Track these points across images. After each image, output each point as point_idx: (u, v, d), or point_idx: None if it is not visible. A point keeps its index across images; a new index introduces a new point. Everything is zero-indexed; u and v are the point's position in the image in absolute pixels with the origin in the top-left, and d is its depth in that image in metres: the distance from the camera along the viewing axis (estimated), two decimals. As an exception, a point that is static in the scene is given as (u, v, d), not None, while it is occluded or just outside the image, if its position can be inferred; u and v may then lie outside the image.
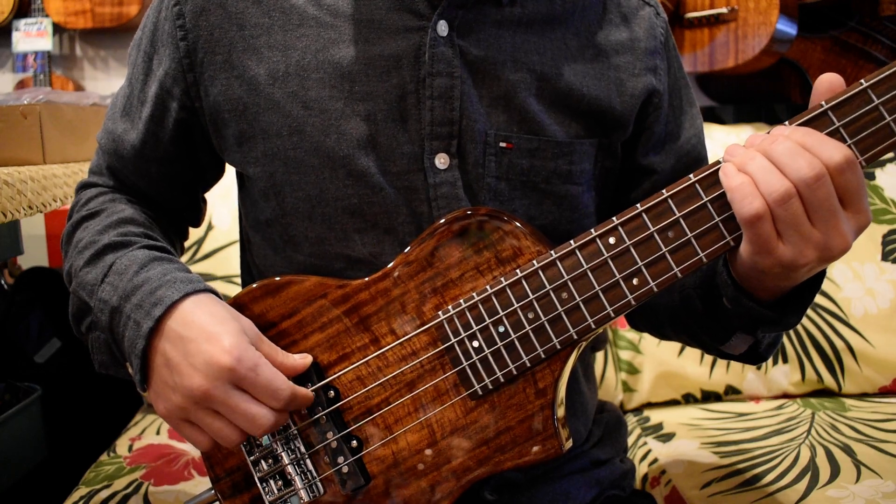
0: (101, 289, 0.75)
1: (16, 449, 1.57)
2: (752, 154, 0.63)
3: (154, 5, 0.83)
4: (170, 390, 0.70)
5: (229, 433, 0.70)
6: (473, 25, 0.78)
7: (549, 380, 0.70)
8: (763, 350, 0.79)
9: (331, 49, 0.77)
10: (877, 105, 0.61)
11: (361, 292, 0.75)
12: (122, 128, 0.86)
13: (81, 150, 1.51)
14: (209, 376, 0.67)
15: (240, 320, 0.72)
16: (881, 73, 0.61)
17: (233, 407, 0.68)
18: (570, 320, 0.69)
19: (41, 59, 2.60)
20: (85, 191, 0.89)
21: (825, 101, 0.62)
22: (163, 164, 0.86)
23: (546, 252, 0.70)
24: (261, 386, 0.68)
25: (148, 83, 0.83)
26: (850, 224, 0.61)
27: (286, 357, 0.73)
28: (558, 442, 0.70)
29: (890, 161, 1.51)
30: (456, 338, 0.72)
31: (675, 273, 0.66)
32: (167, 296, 0.71)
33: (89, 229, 0.81)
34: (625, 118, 0.83)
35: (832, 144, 0.60)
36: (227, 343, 0.68)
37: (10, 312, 1.85)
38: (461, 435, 0.72)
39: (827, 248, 0.61)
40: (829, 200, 0.60)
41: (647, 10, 0.87)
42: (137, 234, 0.80)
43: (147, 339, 0.70)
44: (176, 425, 0.72)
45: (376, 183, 0.77)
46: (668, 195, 0.66)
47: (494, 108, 0.78)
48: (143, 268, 0.74)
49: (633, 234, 0.67)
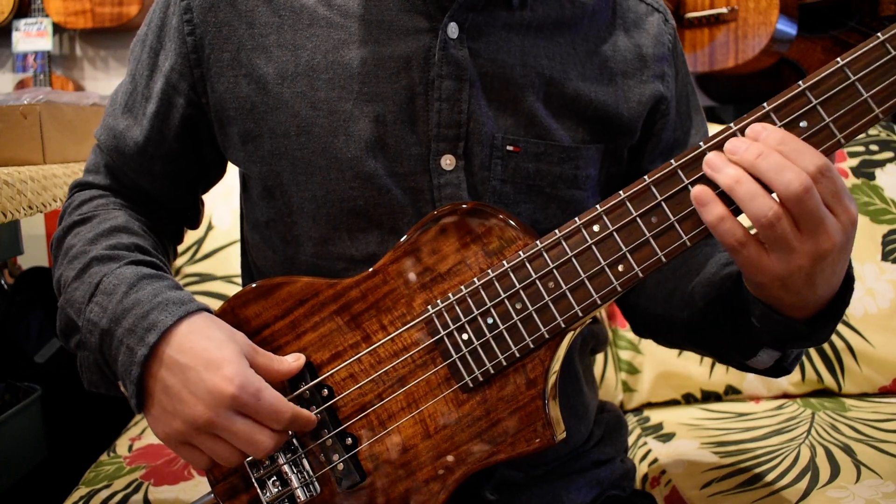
0: (88, 308, 0.73)
1: (16, 449, 1.57)
2: (736, 174, 0.61)
3: (161, 1, 0.83)
4: (170, 416, 0.69)
5: (230, 455, 0.69)
6: (483, 28, 0.78)
7: (539, 370, 0.71)
8: (789, 364, 0.77)
9: (341, 50, 0.77)
10: (853, 82, 0.61)
11: (351, 290, 0.75)
12: (125, 124, 0.85)
13: (81, 150, 1.51)
14: (211, 405, 0.66)
15: (236, 339, 0.71)
16: (857, 50, 0.61)
17: (235, 432, 0.67)
18: (556, 309, 0.69)
19: (41, 59, 2.60)
20: (79, 192, 0.87)
21: (802, 81, 0.62)
22: (167, 161, 0.85)
23: (532, 243, 0.70)
24: (263, 411, 0.68)
25: (153, 79, 0.82)
26: (836, 225, 0.61)
27: (281, 364, 0.73)
28: (550, 432, 0.70)
29: (890, 161, 1.51)
30: (445, 331, 0.72)
31: (660, 258, 0.66)
32: (160, 320, 0.69)
33: (80, 236, 0.79)
34: (632, 124, 0.84)
35: (809, 152, 0.60)
36: (228, 371, 0.67)
37: (10, 312, 1.85)
38: (454, 428, 0.72)
39: (816, 252, 0.61)
40: (818, 209, 0.59)
41: (656, 16, 0.87)
42: (127, 247, 0.78)
43: (142, 366, 0.68)
44: (175, 448, 0.71)
45: (383, 184, 0.77)
46: (649, 181, 0.66)
47: (502, 112, 0.78)
48: (133, 288, 0.72)
49: (616, 221, 0.67)
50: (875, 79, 0.61)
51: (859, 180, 1.49)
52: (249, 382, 0.67)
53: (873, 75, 0.61)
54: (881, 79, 0.61)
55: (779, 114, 0.63)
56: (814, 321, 0.68)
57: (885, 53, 0.61)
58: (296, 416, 0.70)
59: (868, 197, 1.47)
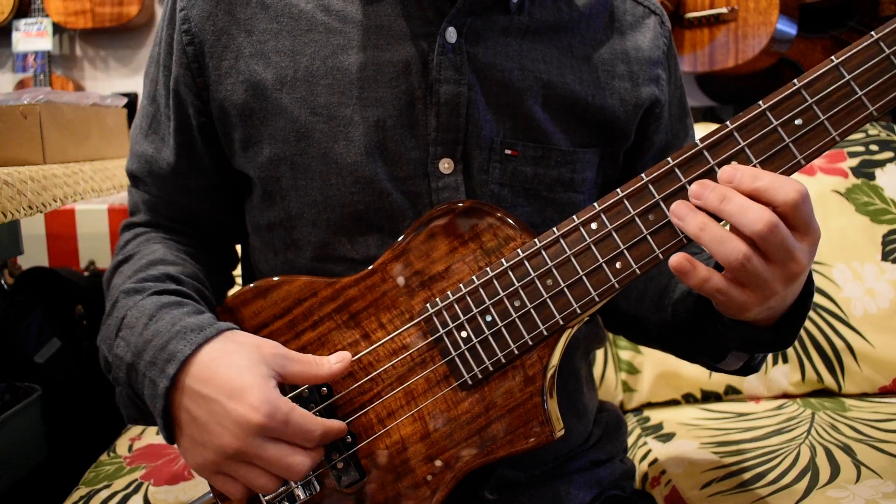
0: (116, 343, 0.73)
1: (16, 449, 1.57)
2: (701, 222, 0.63)
3: (163, 15, 0.83)
4: (200, 447, 0.68)
5: (266, 482, 0.67)
6: (482, 32, 0.78)
7: (537, 367, 0.71)
8: (756, 364, 0.80)
9: (339, 55, 0.77)
10: (848, 80, 0.62)
11: (350, 289, 0.75)
12: (153, 147, 0.84)
13: (81, 150, 1.51)
14: (239, 435, 0.65)
15: (262, 355, 0.68)
16: (851, 48, 0.62)
17: (269, 459, 0.66)
18: (555, 306, 0.69)
19: (41, 59, 2.60)
20: (125, 232, 0.88)
21: (797, 80, 0.63)
22: (200, 174, 0.84)
23: (531, 241, 0.70)
24: (293, 434, 0.66)
25: (169, 95, 0.82)
26: (804, 249, 0.63)
27: (320, 368, 0.70)
28: (549, 429, 0.70)
29: (890, 161, 1.51)
30: (444, 329, 0.72)
31: (658, 255, 0.67)
32: (179, 350, 0.67)
33: (122, 274, 0.79)
34: (627, 127, 0.84)
35: (783, 183, 0.61)
36: (253, 399, 0.64)
37: (10, 312, 1.85)
38: (453, 425, 0.72)
39: (787, 276, 0.63)
40: (785, 242, 0.61)
41: (653, 18, 0.88)
42: (157, 277, 0.77)
43: (165, 398, 0.67)
44: (209, 478, 0.70)
45: (383, 189, 0.77)
46: (647, 179, 0.67)
47: (501, 116, 0.79)
48: (152, 319, 0.71)
49: (614, 219, 0.68)
50: (870, 77, 0.62)
51: (859, 180, 1.49)
52: (276, 408, 0.65)
53: (868, 74, 0.62)
54: (875, 77, 0.61)
55: (774, 112, 0.63)
56: (778, 328, 0.71)
57: (879, 52, 0.61)
58: (327, 432, 0.68)
59: (868, 197, 1.47)
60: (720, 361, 0.79)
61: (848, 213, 1.46)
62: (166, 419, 0.69)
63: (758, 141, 0.64)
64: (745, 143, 0.64)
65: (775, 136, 0.64)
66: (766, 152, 0.64)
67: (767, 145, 0.64)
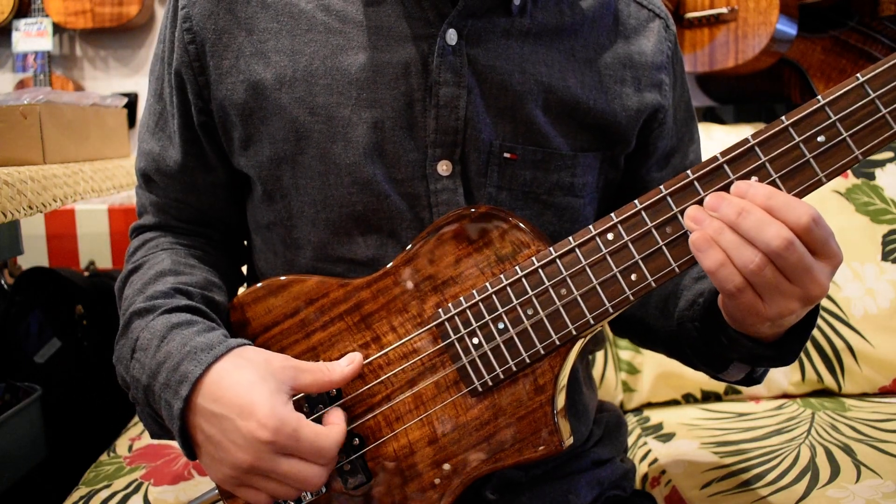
0: (132, 366, 0.74)
1: (16, 449, 1.57)
2: (719, 227, 0.63)
3: (166, 14, 0.83)
4: (218, 463, 0.69)
5: (286, 492, 0.68)
6: (482, 35, 0.77)
7: (548, 376, 0.70)
8: (758, 376, 0.80)
9: (339, 55, 0.77)
10: (872, 99, 0.61)
11: (362, 291, 0.75)
12: (160, 145, 0.84)
13: (81, 150, 1.51)
14: (251, 451, 0.65)
15: (271, 370, 0.68)
16: (877, 67, 0.62)
17: (283, 473, 0.66)
18: (569, 316, 0.69)
19: (41, 59, 2.60)
20: (135, 237, 0.88)
21: (822, 97, 0.63)
22: (206, 171, 0.84)
23: (545, 249, 0.70)
24: (304, 449, 0.66)
25: (173, 93, 0.82)
26: (825, 271, 0.62)
27: (332, 374, 0.71)
28: (558, 438, 0.70)
29: (890, 161, 1.51)
30: (456, 335, 0.72)
31: (674, 268, 0.66)
32: (190, 371, 0.68)
33: (133, 286, 0.80)
34: (628, 132, 0.83)
35: (796, 205, 0.61)
36: (261, 415, 0.65)
37: (10, 312, 1.85)
38: (462, 432, 0.72)
39: (807, 297, 0.63)
40: (803, 260, 0.61)
41: (657, 22, 0.87)
42: (166, 293, 0.77)
43: (181, 419, 0.68)
44: (232, 490, 0.71)
45: (382, 190, 0.77)
46: (666, 192, 0.66)
47: (501, 119, 0.78)
48: (163, 340, 0.71)
49: (631, 230, 0.67)
50: (895, 97, 0.61)
51: (859, 180, 1.49)
52: (285, 423, 0.65)
53: (894, 92, 0.61)
54: None
55: (797, 128, 0.63)
56: (781, 344, 0.70)
57: None
58: (339, 445, 0.69)
59: (868, 197, 1.47)
60: (722, 371, 0.79)
61: (848, 213, 1.46)
62: (185, 438, 0.70)
63: (779, 157, 0.63)
64: (766, 157, 0.64)
65: (797, 153, 0.63)
66: (787, 167, 0.63)
67: (789, 161, 0.63)
